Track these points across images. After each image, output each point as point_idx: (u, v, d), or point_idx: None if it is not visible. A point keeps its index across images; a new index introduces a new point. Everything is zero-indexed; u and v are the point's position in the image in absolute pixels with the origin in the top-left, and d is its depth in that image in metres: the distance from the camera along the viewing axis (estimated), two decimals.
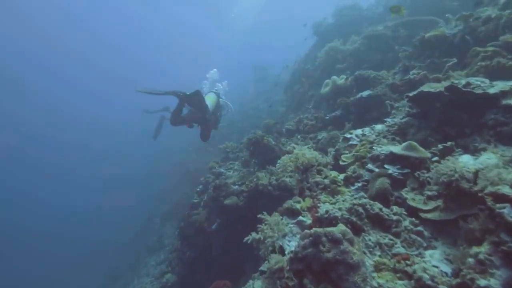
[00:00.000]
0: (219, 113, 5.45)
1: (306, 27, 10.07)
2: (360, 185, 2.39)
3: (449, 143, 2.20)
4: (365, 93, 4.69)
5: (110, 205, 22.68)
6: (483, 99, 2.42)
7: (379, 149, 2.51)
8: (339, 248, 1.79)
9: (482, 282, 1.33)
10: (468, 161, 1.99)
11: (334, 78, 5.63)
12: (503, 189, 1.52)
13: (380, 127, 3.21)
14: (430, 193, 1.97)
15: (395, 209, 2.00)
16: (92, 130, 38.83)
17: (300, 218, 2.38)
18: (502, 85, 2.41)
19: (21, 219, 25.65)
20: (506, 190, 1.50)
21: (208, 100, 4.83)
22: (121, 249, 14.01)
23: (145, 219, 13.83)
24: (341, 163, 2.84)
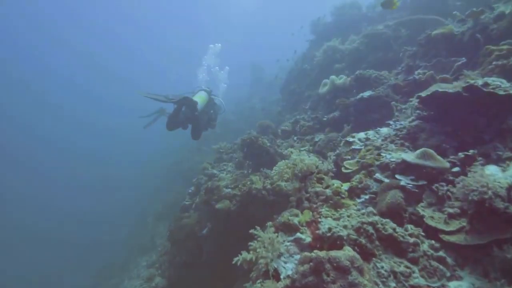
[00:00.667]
0: (212, 111, 5.29)
1: (303, 27, 9.88)
2: (367, 197, 2.08)
3: (471, 151, 1.91)
4: (366, 94, 4.42)
5: (102, 204, 22.61)
6: (505, 101, 2.14)
7: (389, 156, 2.20)
8: (347, 279, 1.47)
9: None
10: (495, 173, 1.70)
11: (332, 77, 5.39)
12: None
13: (386, 130, 2.91)
14: (451, 211, 1.67)
15: (411, 228, 1.69)
16: (85, 129, 38.42)
17: (298, 235, 2.05)
18: None
19: (10, 217, 24.92)
20: None
21: (198, 98, 4.70)
22: (113, 248, 13.75)
23: (138, 218, 13.57)
24: (344, 170, 2.52)
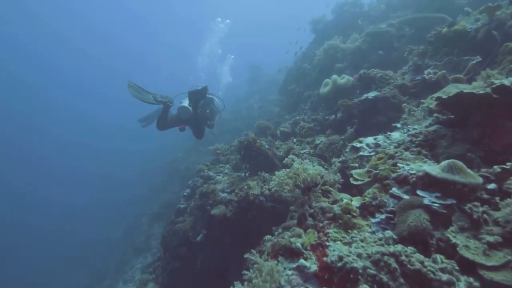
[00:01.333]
0: (208, 110, 5.18)
1: (303, 27, 9.65)
2: (383, 217, 1.75)
3: (508, 164, 1.60)
4: (371, 95, 4.13)
5: (98, 203, 22.27)
6: None
7: (407, 168, 1.89)
8: None
9: None
10: None
11: (334, 77, 5.11)
12: None
13: (398, 135, 2.60)
14: (491, 239, 1.36)
15: (441, 261, 1.37)
16: (83, 126, 38.25)
17: (301, 261, 1.72)
18: None
19: (5, 213, 24.48)
20: None
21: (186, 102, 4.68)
22: (108, 248, 13.60)
23: (133, 218, 13.37)
24: (353, 182, 2.21)
